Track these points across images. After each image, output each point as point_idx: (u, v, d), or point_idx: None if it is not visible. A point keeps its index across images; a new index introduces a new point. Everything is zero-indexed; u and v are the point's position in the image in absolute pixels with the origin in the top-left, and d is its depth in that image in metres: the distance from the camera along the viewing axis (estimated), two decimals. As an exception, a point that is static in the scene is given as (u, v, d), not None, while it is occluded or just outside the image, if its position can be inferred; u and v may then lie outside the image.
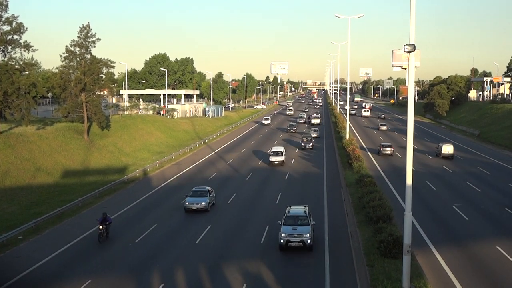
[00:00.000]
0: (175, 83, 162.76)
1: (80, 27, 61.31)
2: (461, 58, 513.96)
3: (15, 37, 52.45)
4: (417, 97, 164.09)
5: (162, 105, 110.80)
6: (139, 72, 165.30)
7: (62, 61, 61.62)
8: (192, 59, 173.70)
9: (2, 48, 52.24)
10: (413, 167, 22.34)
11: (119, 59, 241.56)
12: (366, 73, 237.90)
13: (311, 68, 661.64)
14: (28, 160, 48.71)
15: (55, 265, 26.63)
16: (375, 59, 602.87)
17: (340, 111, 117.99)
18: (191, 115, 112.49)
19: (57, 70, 65.83)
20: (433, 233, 30.92)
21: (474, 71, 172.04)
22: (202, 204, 36.66)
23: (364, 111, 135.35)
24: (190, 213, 36.66)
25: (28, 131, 55.07)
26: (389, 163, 58.75)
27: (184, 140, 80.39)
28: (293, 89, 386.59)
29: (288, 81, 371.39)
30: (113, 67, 67.15)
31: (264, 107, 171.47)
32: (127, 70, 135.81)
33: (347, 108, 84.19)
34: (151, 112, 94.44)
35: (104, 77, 69.15)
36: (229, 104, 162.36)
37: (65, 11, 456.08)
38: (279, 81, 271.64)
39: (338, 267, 25.65)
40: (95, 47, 62.47)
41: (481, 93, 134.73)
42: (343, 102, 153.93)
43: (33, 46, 53.56)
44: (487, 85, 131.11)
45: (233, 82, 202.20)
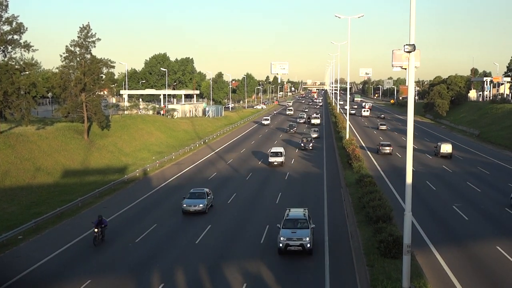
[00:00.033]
0: (175, 83, 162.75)
1: (80, 27, 61.46)
2: (461, 58, 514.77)
3: (15, 37, 52.54)
4: (417, 97, 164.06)
5: (162, 105, 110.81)
6: (139, 72, 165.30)
7: (62, 61, 61.80)
8: (192, 59, 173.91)
9: (2, 48, 52.27)
10: (413, 167, 22.35)
11: (119, 59, 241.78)
12: (366, 73, 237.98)
13: (311, 68, 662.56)
14: (28, 160, 48.72)
15: (55, 265, 26.63)
16: (375, 59, 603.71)
17: (340, 111, 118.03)
18: (191, 115, 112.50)
19: (57, 70, 65.92)
20: (433, 233, 30.93)
21: (474, 71, 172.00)
22: (200, 206, 36.14)
23: (364, 111, 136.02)
24: (188, 214, 36.36)
25: (28, 131, 55.07)
26: (389, 163, 58.75)
27: (184, 140, 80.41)
28: (293, 89, 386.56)
29: (288, 81, 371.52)
30: (113, 67, 67.34)
31: (264, 107, 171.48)
32: (127, 70, 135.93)
33: (347, 108, 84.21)
34: (151, 112, 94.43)
35: (104, 77, 69.13)
36: (229, 104, 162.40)
37: (65, 11, 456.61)
38: (279, 81, 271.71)
39: (338, 267, 25.65)
40: (95, 47, 62.69)
41: (481, 93, 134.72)
42: (343, 102, 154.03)
43: (33, 46, 53.70)
44: (487, 85, 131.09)
45: (233, 82, 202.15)
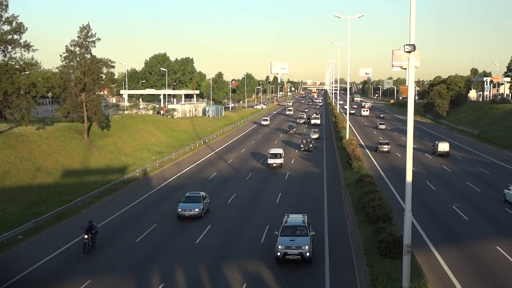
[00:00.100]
0: (175, 83, 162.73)
1: (80, 27, 61.44)
2: (461, 58, 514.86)
3: (15, 37, 52.52)
4: (417, 97, 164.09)
5: (162, 105, 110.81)
6: (139, 72, 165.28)
7: (62, 61, 61.78)
8: (192, 59, 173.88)
9: (2, 48, 52.26)
10: (413, 167, 22.35)
11: (119, 59, 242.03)
12: (366, 73, 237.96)
13: (311, 68, 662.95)
14: (28, 160, 48.71)
15: (55, 265, 26.63)
16: (375, 59, 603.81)
17: (340, 111, 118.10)
18: (191, 115, 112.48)
19: (57, 70, 65.90)
20: (433, 233, 30.93)
21: (474, 71, 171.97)
22: (196, 211, 34.98)
23: (364, 111, 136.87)
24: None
25: (28, 131, 55.06)
26: (389, 162, 58.76)
27: (184, 140, 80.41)
28: (293, 89, 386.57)
29: (288, 81, 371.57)
30: (113, 67, 67.30)
31: (264, 107, 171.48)
32: (127, 70, 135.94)
33: (347, 108, 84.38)
34: (151, 112, 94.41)
35: (104, 77, 69.09)
36: (229, 104, 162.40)
37: (65, 11, 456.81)
38: (279, 81, 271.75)
39: (338, 267, 25.66)
40: (95, 47, 62.67)
41: (481, 93, 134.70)
42: (343, 102, 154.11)
43: (33, 46, 53.68)
44: (487, 85, 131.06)
45: (233, 82, 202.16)
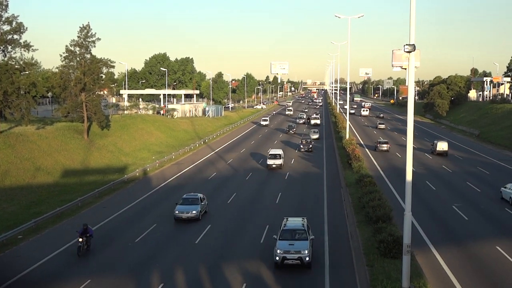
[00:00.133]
0: (175, 83, 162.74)
1: (80, 27, 61.44)
2: (461, 58, 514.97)
3: (15, 36, 52.55)
4: (417, 97, 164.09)
5: (162, 104, 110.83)
6: (139, 72, 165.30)
7: (62, 61, 61.80)
8: (192, 59, 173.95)
9: (2, 47, 52.27)
10: (413, 167, 22.35)
11: (119, 59, 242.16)
12: (366, 73, 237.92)
13: (311, 68, 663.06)
14: (28, 160, 48.71)
15: (55, 265, 26.63)
16: (375, 59, 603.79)
17: (340, 110, 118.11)
18: (191, 115, 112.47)
19: (57, 70, 65.89)
20: (433, 233, 30.93)
21: (474, 71, 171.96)
22: (193, 213, 34.38)
23: (363, 111, 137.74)
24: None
25: (28, 130, 55.07)
26: (389, 162, 58.76)
27: (184, 140, 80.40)
28: (293, 89, 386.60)
29: (288, 81, 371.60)
30: (113, 66, 67.31)
31: (264, 107, 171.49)
32: (127, 70, 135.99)
33: (347, 108, 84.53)
34: (151, 112, 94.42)
35: (104, 76, 69.11)
36: (229, 104, 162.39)
37: (65, 11, 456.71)
38: (279, 81, 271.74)
39: (338, 266, 25.66)
40: (95, 47, 62.68)
41: (481, 93, 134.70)
42: (343, 102, 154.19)
43: (33, 46, 53.71)
44: (487, 85, 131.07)
45: (233, 82, 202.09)
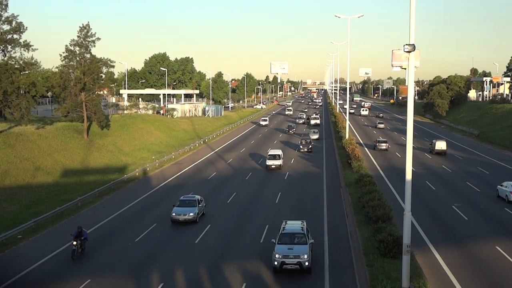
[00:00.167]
0: (175, 83, 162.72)
1: (80, 27, 61.44)
2: (461, 58, 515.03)
3: (15, 36, 52.51)
4: (416, 97, 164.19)
5: (162, 104, 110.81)
6: (139, 72, 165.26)
7: (62, 61, 61.81)
8: (192, 58, 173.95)
9: (2, 47, 52.24)
10: (412, 167, 22.35)
11: (119, 58, 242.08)
12: (366, 73, 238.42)
13: (311, 68, 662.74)
14: (28, 160, 48.70)
15: (55, 265, 26.62)
16: (375, 59, 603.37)
17: (339, 110, 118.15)
18: (190, 115, 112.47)
19: (57, 70, 65.87)
20: (432, 233, 30.93)
21: (474, 71, 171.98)
22: (191, 215, 33.64)
23: (363, 110, 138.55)
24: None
25: (28, 130, 55.05)
26: (389, 162, 58.77)
27: (183, 140, 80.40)
28: (292, 88, 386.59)
29: (288, 81, 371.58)
30: (113, 66, 67.29)
31: (264, 107, 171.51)
32: (127, 69, 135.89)
33: (347, 107, 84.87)
34: (150, 112, 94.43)
35: (104, 76, 69.09)
36: (228, 104, 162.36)
37: (65, 11, 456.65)
38: (279, 80, 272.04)
39: (338, 266, 25.66)
40: (95, 46, 62.69)
41: (480, 93, 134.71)
42: (342, 102, 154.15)
43: (33, 46, 53.68)
44: (486, 85, 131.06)
45: (233, 81, 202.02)
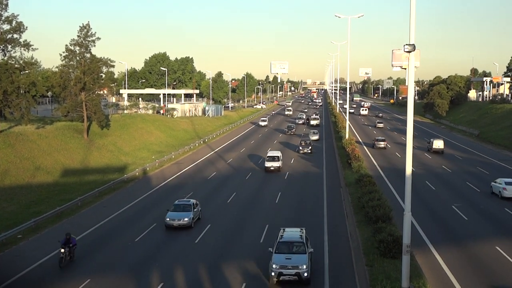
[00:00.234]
0: (175, 83, 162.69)
1: (80, 26, 61.41)
2: (461, 58, 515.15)
3: (15, 36, 52.52)
4: (416, 97, 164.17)
5: (162, 104, 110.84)
6: (139, 72, 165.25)
7: (62, 60, 61.81)
8: (192, 58, 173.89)
9: (2, 47, 52.23)
10: (412, 167, 22.35)
11: (119, 58, 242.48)
12: (366, 73, 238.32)
13: (311, 68, 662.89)
14: (28, 159, 48.70)
15: (55, 264, 26.59)
16: (375, 59, 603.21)
17: (339, 110, 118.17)
18: (190, 115, 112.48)
19: (57, 69, 65.93)
20: (432, 233, 30.93)
21: (474, 71, 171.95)
22: (185, 220, 32.42)
23: (363, 110, 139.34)
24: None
25: (28, 130, 55.05)
26: (389, 162, 58.77)
27: (183, 140, 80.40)
28: (292, 88, 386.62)
29: (288, 81, 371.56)
30: (113, 66, 67.31)
31: (264, 106, 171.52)
32: (127, 69, 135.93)
33: (347, 107, 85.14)
34: (150, 112, 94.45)
35: (104, 76, 69.11)
36: (228, 104, 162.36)
37: (65, 11, 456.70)
38: (279, 80, 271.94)
39: (338, 266, 25.66)
40: (95, 46, 62.66)
41: (480, 93, 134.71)
42: (342, 102, 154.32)
43: (33, 45, 53.69)
44: (486, 85, 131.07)
45: (233, 81, 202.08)
